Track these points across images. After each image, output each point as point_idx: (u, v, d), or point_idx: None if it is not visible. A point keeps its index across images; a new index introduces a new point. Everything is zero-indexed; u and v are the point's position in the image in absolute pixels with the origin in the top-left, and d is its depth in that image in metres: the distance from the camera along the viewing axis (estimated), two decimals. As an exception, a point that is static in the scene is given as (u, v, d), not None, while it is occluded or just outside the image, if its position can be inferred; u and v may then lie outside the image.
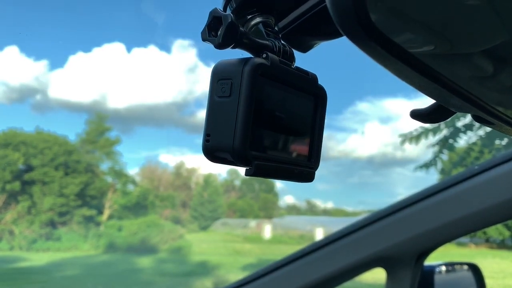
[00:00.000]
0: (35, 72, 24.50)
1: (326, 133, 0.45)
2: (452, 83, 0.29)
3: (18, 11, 24.15)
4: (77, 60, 25.42)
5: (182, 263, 15.28)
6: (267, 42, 0.40)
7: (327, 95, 0.44)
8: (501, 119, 0.34)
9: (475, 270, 1.27)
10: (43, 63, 26.17)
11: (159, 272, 13.75)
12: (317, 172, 0.44)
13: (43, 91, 25.08)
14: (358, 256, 1.14)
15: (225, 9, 0.42)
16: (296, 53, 0.45)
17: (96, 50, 26.86)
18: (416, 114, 0.37)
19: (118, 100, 27.90)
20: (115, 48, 26.10)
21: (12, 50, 24.21)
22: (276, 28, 0.43)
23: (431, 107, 0.36)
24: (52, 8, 25.01)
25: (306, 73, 0.43)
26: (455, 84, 0.29)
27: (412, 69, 0.25)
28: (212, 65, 0.39)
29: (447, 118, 0.37)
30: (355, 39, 0.24)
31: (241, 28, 0.37)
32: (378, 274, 1.22)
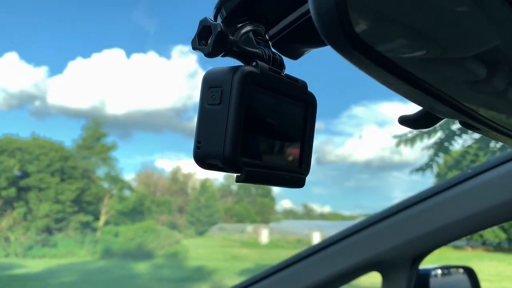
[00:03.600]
0: (34, 79, 24.51)
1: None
2: (437, 90, 0.29)
3: (18, 18, 24.18)
4: (77, 66, 25.48)
5: (178, 268, 15.22)
6: (257, 50, 0.40)
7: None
8: (487, 125, 0.35)
9: (470, 273, 1.27)
10: (43, 69, 26.18)
11: (155, 278, 13.69)
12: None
13: (42, 97, 25.08)
14: (354, 260, 1.14)
15: (215, 18, 0.42)
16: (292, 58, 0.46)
17: (95, 56, 26.91)
18: (404, 120, 0.37)
19: (117, 105, 27.96)
20: (115, 54, 26.15)
21: (12, 57, 24.24)
22: (266, 36, 0.44)
23: (419, 113, 0.37)
24: (52, 14, 25.03)
25: (296, 80, 0.43)
26: (440, 91, 0.29)
27: (396, 77, 0.26)
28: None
29: (435, 124, 0.37)
30: (340, 49, 0.25)
31: (231, 37, 0.38)
32: (373, 278, 1.22)
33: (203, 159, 0.38)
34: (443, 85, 0.31)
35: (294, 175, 0.43)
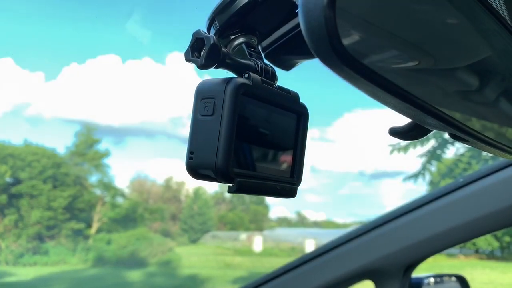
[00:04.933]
0: (29, 85, 24.45)
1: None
2: (426, 103, 0.30)
3: (14, 24, 24.15)
4: (72, 72, 25.45)
5: (171, 276, 15.12)
6: (250, 62, 0.41)
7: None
8: (475, 137, 0.35)
9: (462, 281, 1.28)
10: (37, 75, 26.14)
11: (148, 286, 13.59)
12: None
13: (36, 104, 25.01)
14: (347, 268, 1.14)
15: (209, 29, 0.43)
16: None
17: (90, 62, 26.92)
18: (395, 132, 0.38)
19: (111, 112, 27.83)
20: (110, 61, 26.14)
21: (7, 62, 24.20)
22: (259, 48, 0.44)
23: (409, 125, 0.37)
24: (47, 20, 25.00)
25: (288, 91, 0.44)
26: (429, 104, 0.30)
27: (385, 91, 0.27)
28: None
29: (425, 136, 0.38)
30: (329, 64, 0.25)
31: (223, 49, 0.38)
32: (366, 287, 1.23)
33: (196, 170, 0.38)
34: (431, 99, 0.31)
35: (286, 186, 0.43)
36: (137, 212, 19.90)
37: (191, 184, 22.78)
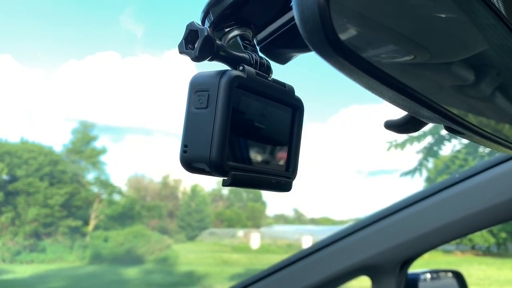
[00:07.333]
0: (27, 81, 24.35)
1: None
2: (421, 95, 0.30)
3: (12, 20, 24.03)
4: (70, 69, 25.37)
5: (169, 273, 15.13)
6: (244, 55, 0.41)
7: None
8: (471, 130, 0.35)
9: (459, 277, 1.28)
10: (35, 72, 26.01)
11: (145, 283, 13.61)
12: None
13: (33, 101, 24.93)
14: (343, 264, 1.14)
15: (203, 22, 0.42)
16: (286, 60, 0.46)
17: (88, 59, 26.80)
18: (390, 125, 0.38)
19: (109, 109, 27.75)
20: (108, 57, 26.07)
21: (6, 59, 24.10)
22: (254, 41, 0.44)
23: (404, 118, 0.37)
24: (46, 17, 24.88)
25: (283, 85, 0.43)
26: (424, 96, 0.30)
27: (380, 82, 0.26)
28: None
29: (420, 129, 0.38)
30: (323, 55, 0.25)
31: (218, 41, 0.38)
32: (363, 283, 1.23)
33: (190, 163, 0.38)
34: (427, 91, 0.31)
35: (281, 179, 0.43)
36: (134, 209, 19.88)
37: (188, 181, 22.78)
